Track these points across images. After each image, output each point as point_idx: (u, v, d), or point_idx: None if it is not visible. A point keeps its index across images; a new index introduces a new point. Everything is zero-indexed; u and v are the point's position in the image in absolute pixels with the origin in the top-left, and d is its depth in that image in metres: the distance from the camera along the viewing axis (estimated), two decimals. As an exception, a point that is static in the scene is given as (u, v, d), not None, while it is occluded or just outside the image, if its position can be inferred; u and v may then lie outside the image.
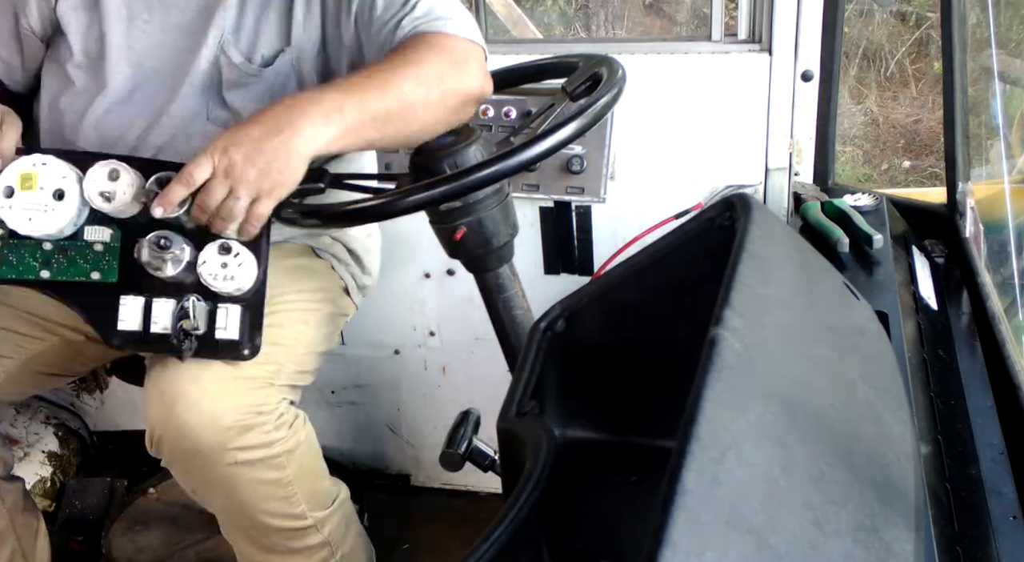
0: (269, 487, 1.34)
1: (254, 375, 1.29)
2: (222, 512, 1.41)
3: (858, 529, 0.70)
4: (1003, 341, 1.47)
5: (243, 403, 1.28)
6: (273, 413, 1.31)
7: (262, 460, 1.30)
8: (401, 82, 1.22)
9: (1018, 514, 1.13)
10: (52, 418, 2.21)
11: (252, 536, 1.41)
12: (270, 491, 1.34)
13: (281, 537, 1.39)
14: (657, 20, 5.80)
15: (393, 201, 1.23)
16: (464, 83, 1.28)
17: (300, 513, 1.39)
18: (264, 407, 1.29)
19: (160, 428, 1.29)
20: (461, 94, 1.28)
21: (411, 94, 1.23)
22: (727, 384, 0.71)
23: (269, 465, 1.32)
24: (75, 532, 2.04)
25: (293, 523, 1.39)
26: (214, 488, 1.34)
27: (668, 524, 0.58)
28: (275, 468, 1.32)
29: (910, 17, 5.75)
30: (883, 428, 0.84)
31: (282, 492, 1.35)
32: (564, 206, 1.86)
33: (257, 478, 1.32)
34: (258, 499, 1.34)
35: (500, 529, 0.84)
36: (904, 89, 5.61)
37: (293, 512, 1.38)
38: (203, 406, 1.25)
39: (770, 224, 0.96)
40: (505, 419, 1.01)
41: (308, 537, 1.41)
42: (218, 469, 1.29)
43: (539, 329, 1.07)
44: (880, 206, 1.83)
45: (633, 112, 1.79)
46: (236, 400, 1.27)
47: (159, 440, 1.31)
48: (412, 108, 1.23)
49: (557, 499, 0.92)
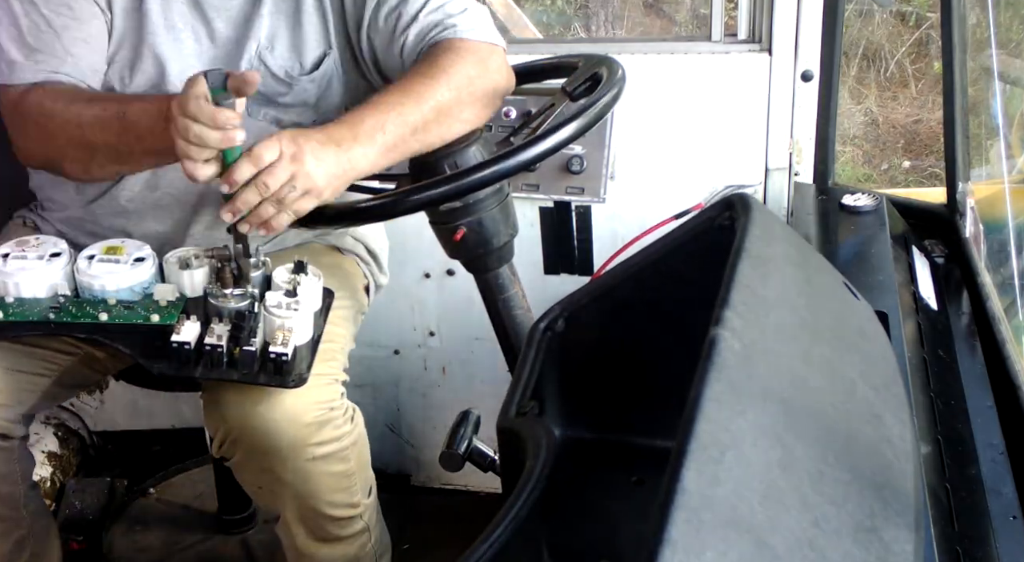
0: (337, 479, 1.39)
1: (325, 372, 1.33)
2: (288, 507, 1.44)
3: (858, 529, 0.70)
4: (1003, 341, 1.47)
5: (321, 400, 1.32)
6: (341, 408, 1.35)
7: (334, 454, 1.35)
8: (434, 91, 1.29)
9: (1018, 514, 1.13)
10: (52, 418, 2.21)
11: (311, 527, 1.45)
12: (337, 483, 1.39)
13: (337, 526, 1.44)
14: (657, 20, 5.80)
15: (393, 201, 1.24)
16: (491, 80, 1.36)
17: (356, 502, 1.44)
18: (335, 402, 1.34)
19: (237, 428, 1.32)
20: (490, 91, 1.36)
21: (445, 100, 1.30)
22: (727, 384, 0.71)
23: (339, 458, 1.36)
24: (75, 532, 2.04)
25: (349, 512, 1.44)
26: (286, 484, 1.38)
27: (668, 524, 0.58)
28: (343, 461, 1.37)
29: (910, 17, 5.75)
30: (883, 428, 0.84)
31: (346, 483, 1.40)
32: (564, 206, 1.86)
33: (328, 471, 1.36)
34: (326, 491, 1.39)
35: (500, 529, 0.84)
36: (904, 89, 5.61)
37: (352, 501, 1.43)
38: (286, 404, 1.28)
39: (770, 224, 0.96)
40: (505, 419, 1.01)
41: (355, 524, 1.46)
42: (295, 465, 1.33)
43: (539, 329, 1.07)
44: (880, 206, 1.83)
45: (633, 112, 1.79)
46: (315, 397, 1.31)
47: (233, 441, 1.34)
48: (448, 113, 1.31)
49: (557, 499, 0.93)
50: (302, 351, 1.26)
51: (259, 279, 1.31)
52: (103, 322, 1.30)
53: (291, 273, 1.30)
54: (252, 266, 1.30)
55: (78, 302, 1.32)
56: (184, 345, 1.23)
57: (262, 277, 1.31)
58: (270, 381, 1.24)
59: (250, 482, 1.44)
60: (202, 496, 2.10)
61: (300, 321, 1.25)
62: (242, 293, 1.27)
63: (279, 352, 1.22)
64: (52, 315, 1.30)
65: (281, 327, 1.24)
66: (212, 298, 1.26)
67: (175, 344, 1.23)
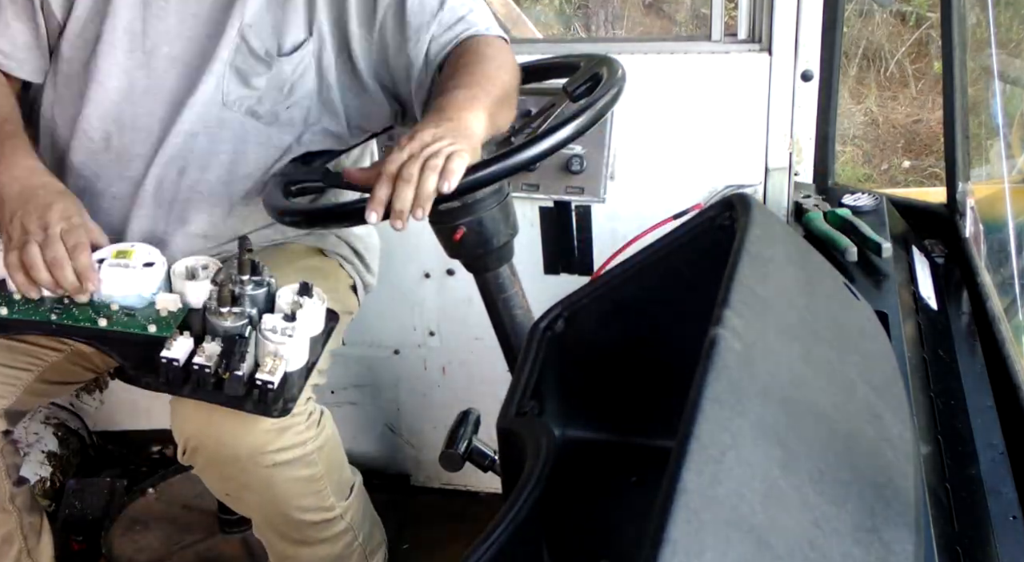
0: (303, 484, 1.37)
1: None
2: (257, 513, 1.44)
3: (858, 529, 0.70)
4: (1003, 341, 1.47)
5: None
6: (304, 412, 1.33)
7: (298, 459, 1.34)
8: (494, 73, 1.35)
9: (1018, 514, 1.13)
10: (52, 418, 2.21)
11: (285, 532, 1.44)
12: (304, 488, 1.38)
13: (313, 530, 1.44)
14: (657, 20, 5.80)
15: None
16: (515, 68, 1.43)
17: (330, 505, 1.44)
18: (297, 408, 1.31)
19: (196, 438, 1.31)
20: (518, 77, 1.42)
21: (505, 87, 1.36)
22: (727, 384, 0.71)
23: (304, 463, 1.35)
24: (75, 532, 2.04)
25: (324, 515, 1.43)
26: (251, 491, 1.37)
27: (668, 524, 0.58)
28: (308, 465, 1.36)
29: (910, 17, 5.75)
30: (883, 428, 0.84)
31: (314, 487, 1.39)
32: (564, 206, 1.86)
33: (292, 477, 1.35)
34: (293, 496, 1.38)
35: (500, 529, 0.84)
36: (904, 89, 5.61)
37: (324, 505, 1.43)
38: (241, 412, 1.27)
39: (770, 224, 0.96)
40: (505, 419, 1.01)
41: (335, 526, 1.46)
42: (257, 472, 1.32)
43: (539, 329, 1.07)
44: (880, 206, 1.83)
45: (633, 112, 1.79)
46: None
47: (194, 450, 1.33)
48: (507, 100, 1.36)
49: (557, 499, 0.92)
50: (292, 378, 1.24)
51: (262, 297, 1.28)
52: (102, 328, 1.29)
53: (296, 295, 1.28)
54: (256, 284, 1.27)
55: (81, 305, 1.31)
56: (173, 361, 1.21)
57: (266, 295, 1.29)
58: (254, 409, 1.22)
59: (217, 489, 1.44)
60: (202, 496, 2.10)
61: (293, 348, 1.23)
62: (239, 312, 1.24)
63: (265, 380, 1.20)
64: (54, 316, 1.30)
65: (273, 353, 1.22)
66: (209, 315, 1.24)
67: (164, 359, 1.21)
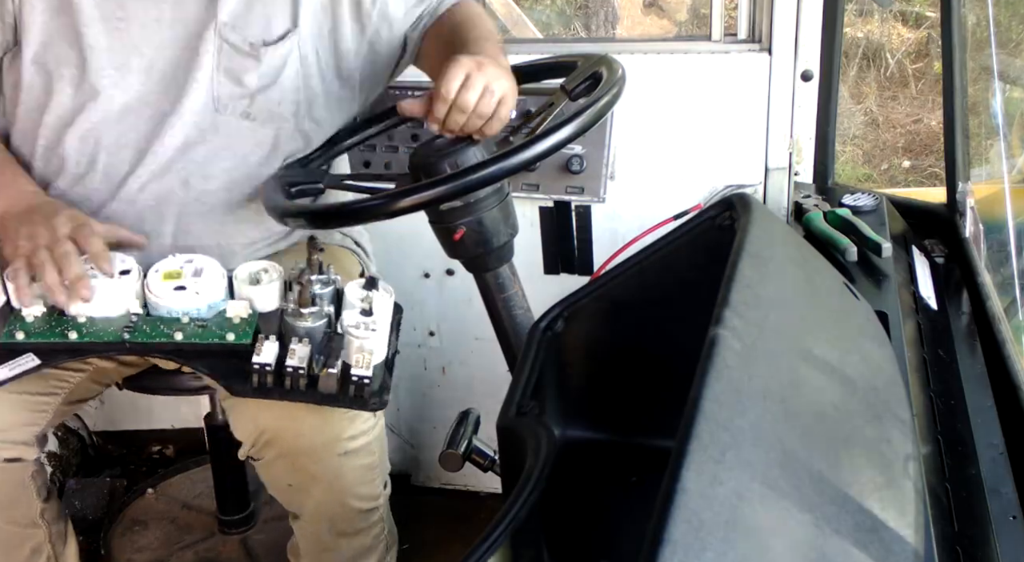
0: (364, 472, 1.40)
1: None
2: (316, 504, 1.44)
3: (858, 529, 0.70)
4: (1003, 341, 1.47)
5: None
6: None
7: (364, 447, 1.37)
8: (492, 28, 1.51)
9: (1018, 514, 1.13)
10: (52, 418, 2.21)
11: (335, 522, 1.45)
12: (364, 475, 1.41)
13: (360, 519, 1.46)
14: (656, 20, 5.79)
15: (392, 201, 1.23)
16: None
17: (377, 494, 1.46)
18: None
19: (272, 431, 1.33)
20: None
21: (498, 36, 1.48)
22: (727, 384, 0.71)
23: (367, 451, 1.38)
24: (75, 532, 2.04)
25: (372, 503, 1.46)
26: (317, 481, 1.38)
27: (668, 524, 0.58)
28: (370, 453, 1.39)
29: (910, 17, 5.75)
30: (883, 428, 0.84)
31: (371, 475, 1.42)
32: (564, 206, 1.86)
33: (358, 464, 1.38)
34: (354, 484, 1.40)
35: (500, 529, 0.84)
36: (904, 89, 5.60)
37: (374, 493, 1.45)
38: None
39: (770, 224, 0.96)
40: (505, 419, 1.00)
41: (373, 515, 1.48)
42: (330, 461, 1.34)
43: (539, 329, 1.07)
44: (880, 206, 1.83)
45: (633, 112, 1.79)
46: None
47: (267, 444, 1.34)
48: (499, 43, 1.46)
49: (557, 499, 0.92)
50: (378, 371, 1.25)
51: (329, 295, 1.29)
52: (178, 342, 1.27)
53: (363, 289, 1.29)
54: (322, 282, 1.29)
55: (151, 320, 1.29)
56: (265, 366, 1.21)
57: (332, 293, 1.30)
58: (352, 405, 1.24)
59: (281, 481, 1.43)
60: (201, 496, 2.11)
61: (378, 341, 1.24)
62: (317, 312, 1.25)
63: (361, 375, 1.21)
64: (127, 335, 1.28)
65: (360, 348, 1.23)
66: (289, 317, 1.25)
67: (257, 366, 1.21)
